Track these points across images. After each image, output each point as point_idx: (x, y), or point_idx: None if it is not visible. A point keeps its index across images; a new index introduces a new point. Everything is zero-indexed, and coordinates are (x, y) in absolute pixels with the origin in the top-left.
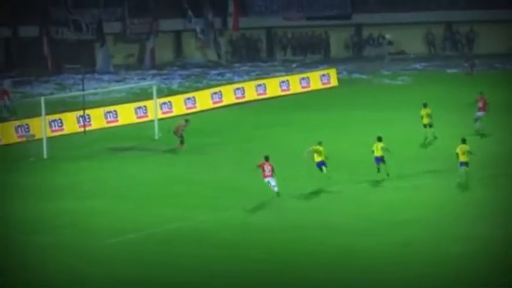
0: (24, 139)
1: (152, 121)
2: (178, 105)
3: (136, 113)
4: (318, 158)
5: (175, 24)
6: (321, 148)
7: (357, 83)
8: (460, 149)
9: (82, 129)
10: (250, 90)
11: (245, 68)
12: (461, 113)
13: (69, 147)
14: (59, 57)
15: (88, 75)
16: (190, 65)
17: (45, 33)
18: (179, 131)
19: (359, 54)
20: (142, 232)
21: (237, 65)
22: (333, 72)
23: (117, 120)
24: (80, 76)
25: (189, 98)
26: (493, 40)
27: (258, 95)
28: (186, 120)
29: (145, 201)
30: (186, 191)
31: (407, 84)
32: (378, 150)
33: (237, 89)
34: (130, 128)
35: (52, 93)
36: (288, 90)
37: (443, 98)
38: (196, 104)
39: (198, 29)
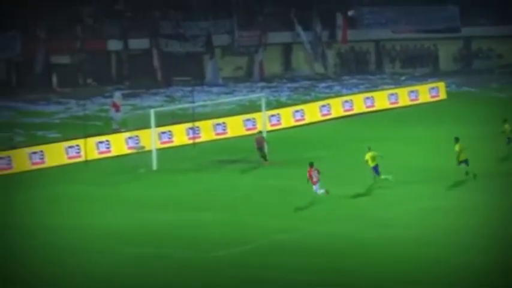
0: (134, 150)
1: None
2: (287, 117)
3: (245, 125)
4: (372, 163)
5: (284, 36)
6: (373, 154)
7: (465, 97)
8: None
9: (191, 141)
10: (359, 103)
11: (354, 80)
12: None
13: (178, 159)
14: (168, 70)
15: (197, 88)
16: (299, 77)
17: (155, 46)
18: (261, 144)
19: (468, 67)
20: (249, 245)
21: (345, 77)
22: (441, 86)
23: (226, 133)
24: (189, 88)
25: (297, 111)
26: None
27: (367, 107)
28: (260, 132)
29: (252, 213)
30: (293, 203)
31: None
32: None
33: (346, 101)
34: (239, 140)
35: (162, 106)
36: (397, 103)
37: None
38: (305, 116)
39: (305, 41)
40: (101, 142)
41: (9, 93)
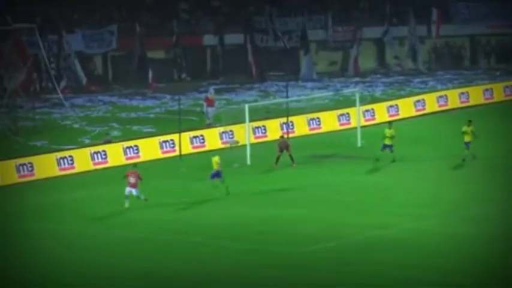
0: (228, 145)
1: (355, 128)
2: (381, 112)
3: (339, 120)
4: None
5: (378, 31)
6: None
7: None
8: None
9: (285, 135)
10: (453, 98)
11: (448, 76)
12: None
13: (272, 154)
14: (263, 65)
15: (291, 83)
16: (393, 72)
17: (250, 41)
18: (281, 146)
19: None
20: (343, 240)
21: (440, 72)
22: None
23: (320, 127)
24: (283, 83)
25: (391, 106)
26: None
27: (461, 103)
28: (282, 137)
29: (347, 209)
30: (387, 199)
31: None
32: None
33: (440, 96)
34: (333, 135)
35: (256, 100)
36: (492, 98)
37: None
38: (399, 112)
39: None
40: (195, 137)
41: (106, 88)
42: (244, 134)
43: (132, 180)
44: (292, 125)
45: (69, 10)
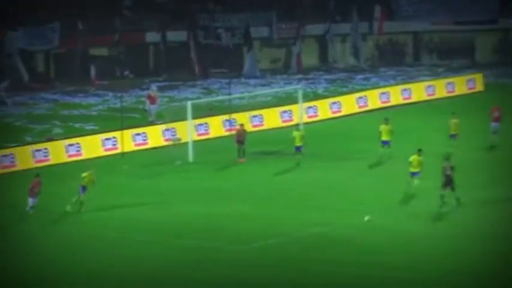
0: (170, 143)
1: (298, 125)
2: (324, 109)
3: (281, 117)
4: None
5: (321, 28)
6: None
7: (504, 89)
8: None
9: (228, 133)
10: (396, 95)
11: (391, 72)
12: None
13: (215, 151)
14: (206, 62)
15: (234, 80)
16: (336, 69)
17: (193, 38)
18: (239, 138)
19: (506, 59)
20: (286, 237)
21: (382, 69)
22: (479, 77)
23: (262, 124)
24: (226, 80)
25: (334, 103)
26: None
27: (404, 99)
28: (242, 125)
29: (290, 206)
30: (330, 196)
31: None
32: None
33: (383, 93)
34: (275, 132)
35: (199, 98)
36: (434, 95)
37: None
38: (342, 108)
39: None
40: (137, 134)
41: (48, 85)
42: (186, 131)
43: (35, 190)
44: (235, 122)
45: (11, 8)
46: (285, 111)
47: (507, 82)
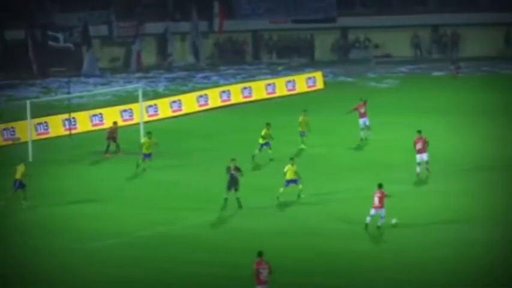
0: (10, 142)
1: (138, 124)
2: (164, 108)
3: (122, 116)
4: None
5: (161, 27)
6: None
7: (343, 86)
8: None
9: (68, 132)
10: (236, 93)
11: (231, 71)
12: (446, 115)
13: (55, 150)
14: (44, 61)
15: (74, 79)
16: (176, 68)
17: (31, 37)
18: (111, 135)
19: (345, 57)
20: (129, 236)
21: (223, 67)
22: (318, 75)
23: (102, 123)
24: (65, 79)
25: (174, 101)
26: (480, 43)
27: (244, 97)
28: (115, 123)
29: (133, 205)
30: (172, 195)
31: (393, 88)
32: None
33: (223, 92)
34: (103, 132)
35: (38, 97)
36: (274, 93)
37: (428, 100)
38: (182, 107)
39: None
40: None
41: None
42: (26, 130)
43: None
44: (75, 121)
45: None
46: (125, 110)
47: (345, 80)
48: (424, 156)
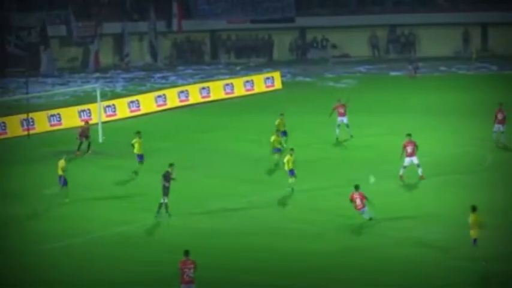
0: None
1: (96, 124)
2: (122, 108)
3: (80, 116)
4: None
5: (119, 27)
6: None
7: (301, 86)
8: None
9: (26, 132)
10: (194, 93)
11: (189, 71)
12: (404, 115)
13: (13, 151)
14: (2, 61)
15: (32, 79)
16: (134, 68)
17: None
18: (84, 133)
19: (303, 57)
20: (89, 236)
21: (181, 67)
22: (277, 75)
23: (60, 124)
24: (23, 79)
25: (132, 101)
26: (438, 43)
27: (202, 98)
28: (87, 122)
29: (92, 205)
30: (132, 195)
31: (351, 87)
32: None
33: (181, 92)
34: (74, 131)
35: None
36: (232, 93)
37: (387, 100)
38: (141, 107)
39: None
40: None
41: None
42: None
43: None
44: (33, 121)
45: None
46: (83, 110)
47: (304, 80)
48: (414, 160)
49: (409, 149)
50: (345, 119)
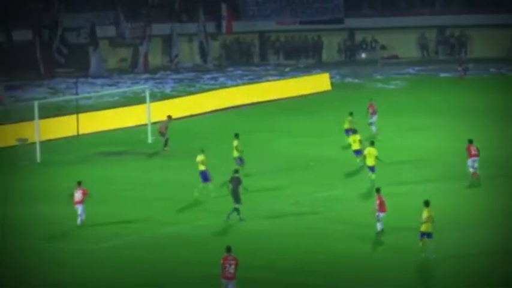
0: (17, 143)
1: (145, 125)
2: (172, 109)
3: (129, 117)
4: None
5: (168, 28)
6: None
7: (349, 88)
8: (368, 152)
9: (75, 133)
10: (243, 95)
11: (238, 72)
12: (453, 117)
13: (63, 151)
14: (52, 61)
15: (81, 79)
16: (184, 69)
17: (38, 38)
18: (163, 129)
19: (352, 58)
20: (132, 237)
21: (230, 69)
22: (325, 77)
23: (110, 124)
24: (73, 80)
25: (182, 102)
26: (488, 44)
27: (251, 99)
28: (169, 116)
29: (136, 206)
30: (180, 195)
31: (400, 89)
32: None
33: (230, 93)
34: (123, 132)
35: (45, 98)
36: (281, 94)
37: (436, 102)
38: (190, 108)
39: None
40: None
41: None
42: (33, 131)
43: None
44: (83, 122)
45: None
46: (132, 111)
47: (352, 81)
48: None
49: (474, 151)
50: (374, 118)
